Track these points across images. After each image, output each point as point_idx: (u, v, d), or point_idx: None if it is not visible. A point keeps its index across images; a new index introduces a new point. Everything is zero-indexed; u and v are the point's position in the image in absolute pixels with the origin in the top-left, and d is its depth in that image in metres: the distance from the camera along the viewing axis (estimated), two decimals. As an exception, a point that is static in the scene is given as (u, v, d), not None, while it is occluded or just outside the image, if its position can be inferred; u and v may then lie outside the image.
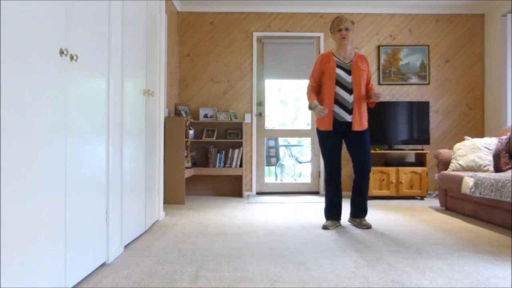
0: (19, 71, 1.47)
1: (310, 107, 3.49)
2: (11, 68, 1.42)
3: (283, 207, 4.72)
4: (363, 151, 3.49)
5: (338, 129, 3.46)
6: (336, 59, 3.49)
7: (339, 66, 3.46)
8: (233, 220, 3.83)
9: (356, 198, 3.58)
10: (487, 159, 4.41)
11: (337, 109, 3.44)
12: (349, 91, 3.44)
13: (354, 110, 3.44)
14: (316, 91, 3.55)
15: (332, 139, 3.47)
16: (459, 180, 4.09)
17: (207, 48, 5.85)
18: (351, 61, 3.50)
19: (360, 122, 3.48)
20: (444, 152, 4.75)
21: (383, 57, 5.85)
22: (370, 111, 5.55)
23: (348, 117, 3.45)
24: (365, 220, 3.56)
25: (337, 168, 3.48)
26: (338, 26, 3.49)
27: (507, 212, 3.43)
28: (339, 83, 3.44)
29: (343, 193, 5.80)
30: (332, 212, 3.53)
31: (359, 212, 3.57)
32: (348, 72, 3.46)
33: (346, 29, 3.48)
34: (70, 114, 1.89)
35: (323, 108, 3.32)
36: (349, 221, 3.67)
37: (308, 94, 3.55)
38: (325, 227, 3.44)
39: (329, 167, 3.49)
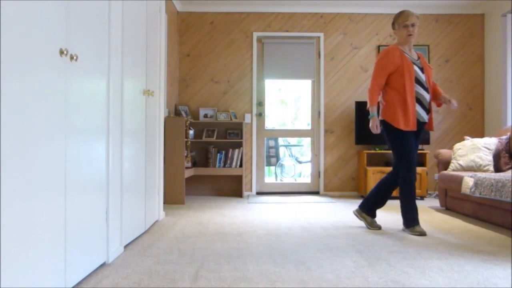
0: (19, 71, 1.47)
1: (386, 108, 3.24)
2: (11, 68, 1.42)
3: (283, 207, 4.72)
4: (416, 153, 3.34)
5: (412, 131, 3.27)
6: (407, 56, 3.26)
7: (414, 64, 3.25)
8: (233, 220, 3.83)
9: (383, 198, 3.45)
10: (487, 159, 4.41)
11: (419, 108, 3.24)
12: (426, 89, 3.26)
13: (430, 109, 3.31)
14: (381, 90, 3.30)
15: (411, 140, 3.23)
16: (459, 180, 4.09)
17: (207, 48, 5.85)
18: (419, 58, 3.34)
19: (432, 122, 3.37)
20: (444, 152, 4.75)
21: (383, 57, 5.85)
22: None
23: (426, 117, 3.29)
24: (414, 227, 3.31)
25: (415, 170, 3.24)
26: (405, 21, 3.25)
27: (507, 212, 3.43)
28: (418, 81, 3.22)
29: (346, 193, 5.87)
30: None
31: (375, 211, 3.50)
32: (421, 69, 3.27)
33: (413, 25, 3.25)
34: (70, 114, 1.89)
35: (376, 126, 3.21)
36: (355, 213, 3.57)
37: (373, 94, 3.24)
38: (422, 233, 3.17)
39: (412, 168, 3.21)
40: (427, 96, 3.27)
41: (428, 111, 3.30)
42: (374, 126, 3.24)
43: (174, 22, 5.57)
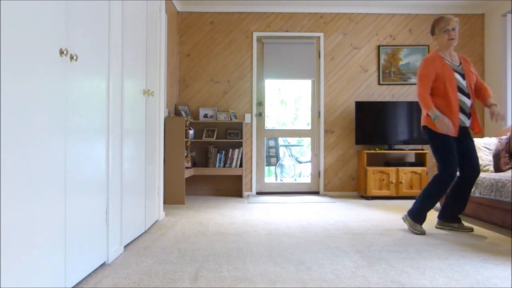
0: (19, 71, 1.47)
1: (427, 114, 3.22)
2: (11, 68, 1.42)
3: (283, 207, 4.72)
4: (476, 157, 3.31)
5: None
6: (448, 63, 3.25)
7: (454, 70, 3.23)
8: (233, 220, 3.84)
9: (460, 202, 3.37)
10: (487, 159, 4.42)
11: (461, 115, 3.26)
12: (467, 95, 3.25)
13: (472, 114, 3.29)
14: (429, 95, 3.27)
15: (453, 143, 3.23)
16: (459, 180, 4.09)
17: (207, 48, 5.85)
18: (460, 63, 3.30)
19: (479, 124, 3.31)
20: (444, 152, 4.74)
21: (383, 57, 5.86)
22: (370, 111, 5.58)
23: (467, 122, 3.29)
24: (457, 224, 3.39)
25: (454, 173, 3.20)
26: (446, 26, 3.22)
27: (507, 212, 3.43)
28: (459, 88, 3.23)
29: (346, 193, 5.87)
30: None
31: (457, 216, 3.41)
32: (462, 76, 3.25)
33: (454, 29, 3.23)
34: (70, 114, 1.89)
35: (448, 120, 3.07)
36: (438, 226, 3.48)
37: (426, 98, 3.18)
38: (422, 233, 3.23)
39: (452, 170, 3.18)
40: (468, 102, 3.27)
41: (469, 116, 3.29)
42: (445, 124, 3.08)
43: (174, 22, 5.57)
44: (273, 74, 5.87)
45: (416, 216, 3.30)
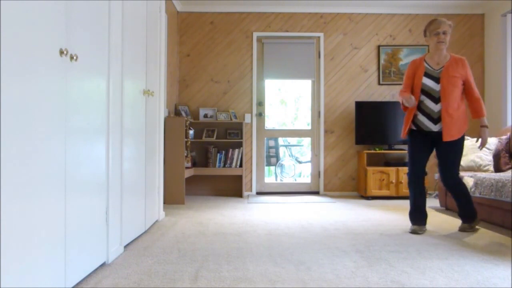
0: (19, 71, 1.47)
1: (404, 104, 3.33)
2: (11, 68, 1.42)
3: (283, 207, 4.72)
4: (446, 165, 3.28)
5: (424, 138, 3.31)
6: (426, 65, 3.30)
7: (427, 74, 3.27)
8: (233, 220, 3.84)
9: (458, 206, 3.44)
10: (487, 159, 4.42)
11: (422, 117, 3.29)
12: (436, 100, 3.23)
13: (443, 119, 3.19)
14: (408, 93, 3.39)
15: (416, 148, 3.33)
16: (459, 180, 4.09)
17: (207, 48, 5.85)
18: (442, 67, 3.26)
19: (449, 132, 3.19)
20: (444, 152, 4.74)
21: (383, 57, 5.86)
22: (371, 111, 5.58)
23: (433, 127, 3.26)
24: (467, 225, 3.39)
25: (418, 172, 3.31)
26: (436, 29, 3.25)
27: (507, 212, 3.43)
28: (425, 92, 3.26)
29: (346, 193, 5.87)
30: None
31: (464, 218, 3.40)
32: (437, 80, 3.24)
33: (444, 33, 3.25)
34: (70, 114, 1.89)
35: (409, 97, 3.19)
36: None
37: (401, 92, 3.36)
38: (413, 232, 3.29)
39: (408, 174, 3.36)
40: (433, 107, 3.24)
41: (436, 121, 3.25)
42: (405, 98, 3.22)
43: (174, 22, 5.57)
44: (273, 74, 5.87)
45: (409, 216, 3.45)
